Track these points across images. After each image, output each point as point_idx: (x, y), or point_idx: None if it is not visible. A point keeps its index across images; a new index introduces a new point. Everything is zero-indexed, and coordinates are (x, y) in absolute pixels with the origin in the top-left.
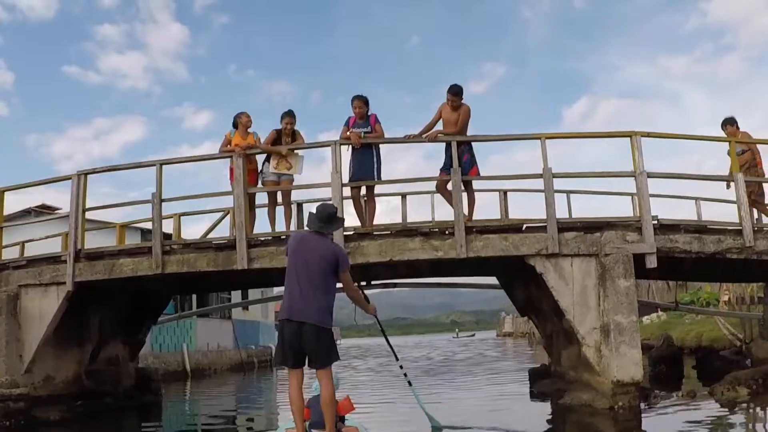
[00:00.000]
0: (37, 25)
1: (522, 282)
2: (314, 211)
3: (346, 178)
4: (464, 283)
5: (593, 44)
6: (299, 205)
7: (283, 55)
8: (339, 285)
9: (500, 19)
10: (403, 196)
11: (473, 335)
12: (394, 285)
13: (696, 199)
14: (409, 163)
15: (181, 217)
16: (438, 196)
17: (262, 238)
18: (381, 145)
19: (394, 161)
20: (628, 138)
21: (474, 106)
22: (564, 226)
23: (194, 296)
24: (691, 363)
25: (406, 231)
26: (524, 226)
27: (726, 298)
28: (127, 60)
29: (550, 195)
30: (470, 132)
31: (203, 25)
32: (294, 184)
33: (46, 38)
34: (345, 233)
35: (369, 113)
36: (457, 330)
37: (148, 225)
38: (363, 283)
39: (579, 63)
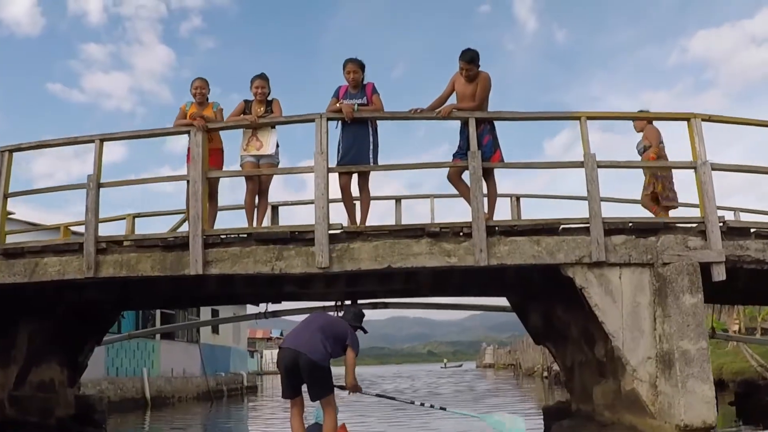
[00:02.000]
0: (23, 41)
1: (540, 303)
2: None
3: (333, 162)
4: (467, 304)
5: (575, 77)
6: (274, 208)
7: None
8: None
9: (484, 51)
10: (398, 200)
11: (461, 365)
12: (385, 305)
13: None
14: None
15: (136, 219)
16: (440, 201)
17: (224, 236)
18: (379, 123)
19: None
20: (685, 122)
21: (455, 135)
22: (611, 228)
23: (158, 313)
24: (725, 398)
25: (409, 230)
26: (560, 226)
27: (736, 327)
28: (112, 80)
29: (594, 187)
30: (491, 108)
31: (189, 48)
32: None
33: (32, 54)
34: (331, 231)
35: (365, 82)
36: (445, 360)
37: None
38: (348, 302)
39: (561, 95)
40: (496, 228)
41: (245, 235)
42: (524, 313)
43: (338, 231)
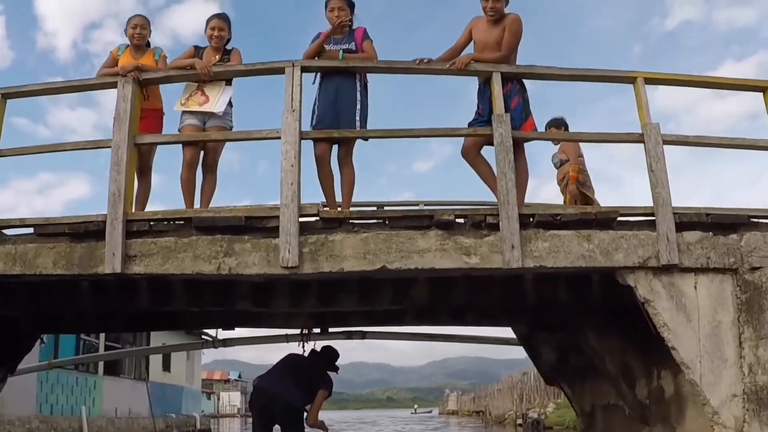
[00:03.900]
0: None
1: (555, 335)
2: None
3: (307, 124)
4: (462, 336)
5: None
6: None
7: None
8: None
9: (450, 97)
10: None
11: (431, 411)
12: (363, 334)
13: None
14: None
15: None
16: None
17: (153, 222)
18: (370, 79)
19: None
20: (761, 93)
21: (420, 183)
22: (682, 221)
23: (102, 342)
24: None
25: (413, 218)
26: (617, 217)
27: None
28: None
29: (660, 166)
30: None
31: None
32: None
33: None
34: (302, 219)
35: (354, 26)
36: (415, 406)
37: None
38: (316, 331)
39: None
40: (532, 218)
41: (182, 222)
42: (534, 347)
43: (313, 218)
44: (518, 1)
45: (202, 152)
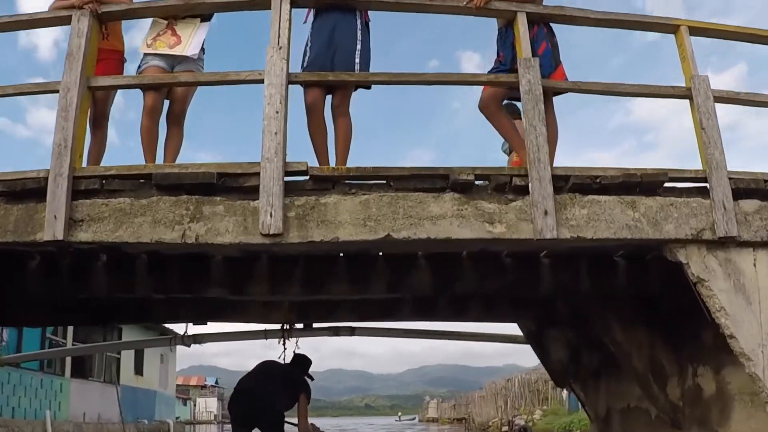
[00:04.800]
0: None
1: (566, 331)
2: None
3: (297, 65)
4: (463, 332)
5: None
6: None
7: (209, 131)
8: None
9: (430, 109)
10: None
11: (414, 419)
12: (352, 330)
13: None
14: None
15: None
16: None
17: (106, 179)
18: (371, 14)
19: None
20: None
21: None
22: (738, 188)
23: (70, 338)
24: None
25: (424, 177)
26: (665, 182)
27: None
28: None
29: (711, 124)
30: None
31: (136, 91)
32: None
33: None
34: (288, 178)
35: None
36: (399, 413)
37: None
38: (299, 326)
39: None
40: (566, 180)
41: (141, 180)
42: (543, 345)
43: (301, 177)
44: None
45: (167, 103)
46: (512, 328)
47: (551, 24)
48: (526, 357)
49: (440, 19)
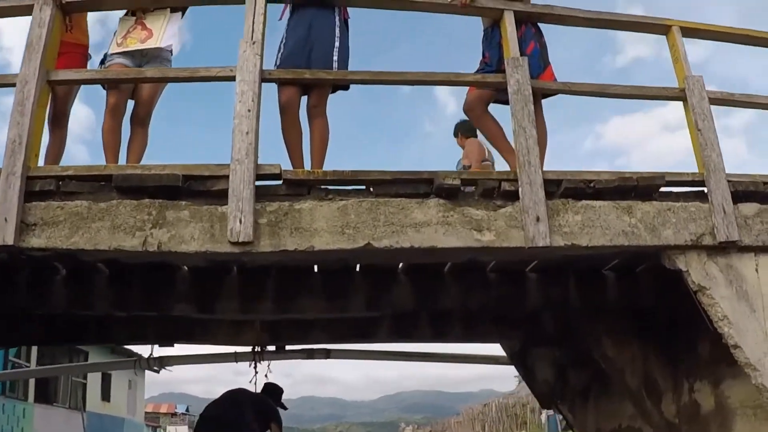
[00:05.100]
0: None
1: (552, 349)
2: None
3: (271, 62)
4: (444, 354)
5: None
6: None
7: (182, 140)
8: None
9: (405, 131)
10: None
11: None
12: (327, 353)
13: None
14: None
15: None
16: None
17: (62, 178)
18: (351, 13)
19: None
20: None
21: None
22: (737, 191)
23: (33, 359)
24: None
25: (407, 182)
26: (661, 186)
27: None
28: None
29: (708, 125)
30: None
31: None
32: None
33: None
34: (259, 182)
35: None
36: None
37: None
38: (270, 348)
39: None
40: (558, 185)
41: (101, 182)
42: (528, 365)
43: (274, 181)
44: None
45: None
46: (495, 349)
47: (539, 24)
48: (502, 382)
49: (415, 45)
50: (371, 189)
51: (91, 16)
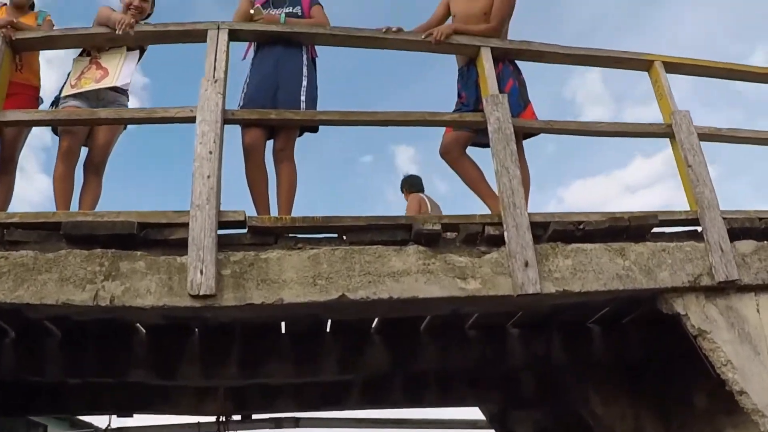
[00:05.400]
0: None
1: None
2: None
3: (234, 102)
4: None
5: None
6: None
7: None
8: None
9: (367, 201)
10: None
11: None
12: (296, 421)
13: None
14: None
15: None
16: None
17: (7, 226)
18: (319, 52)
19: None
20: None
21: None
22: (732, 228)
23: None
24: None
25: (383, 229)
26: (653, 226)
27: None
28: None
29: (698, 160)
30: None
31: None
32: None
33: None
34: (222, 230)
35: None
36: None
37: None
38: (236, 417)
39: None
40: (545, 228)
41: (50, 231)
42: (508, 428)
43: (238, 229)
44: None
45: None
46: (473, 413)
47: (516, 62)
48: None
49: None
50: (344, 237)
51: (43, 57)
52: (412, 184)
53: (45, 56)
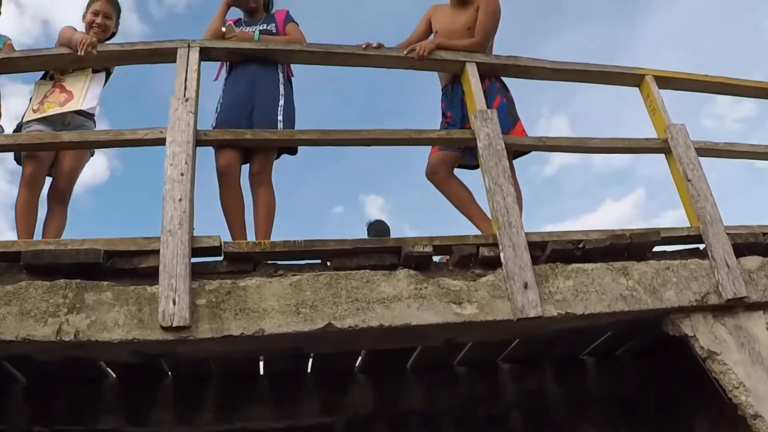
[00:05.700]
0: None
1: None
2: None
3: (207, 122)
4: None
5: None
6: None
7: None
8: None
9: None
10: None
11: None
12: None
13: None
14: None
15: None
16: None
17: None
18: (296, 71)
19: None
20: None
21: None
22: (737, 243)
23: None
24: None
25: (370, 253)
26: (656, 244)
27: None
28: None
29: (698, 174)
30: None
31: None
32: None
33: None
34: (196, 258)
35: (274, 9)
36: None
37: None
38: None
39: None
40: (543, 248)
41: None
42: None
43: (213, 257)
44: None
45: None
46: None
47: (504, 79)
48: None
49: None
50: (328, 263)
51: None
52: (378, 230)
53: None
